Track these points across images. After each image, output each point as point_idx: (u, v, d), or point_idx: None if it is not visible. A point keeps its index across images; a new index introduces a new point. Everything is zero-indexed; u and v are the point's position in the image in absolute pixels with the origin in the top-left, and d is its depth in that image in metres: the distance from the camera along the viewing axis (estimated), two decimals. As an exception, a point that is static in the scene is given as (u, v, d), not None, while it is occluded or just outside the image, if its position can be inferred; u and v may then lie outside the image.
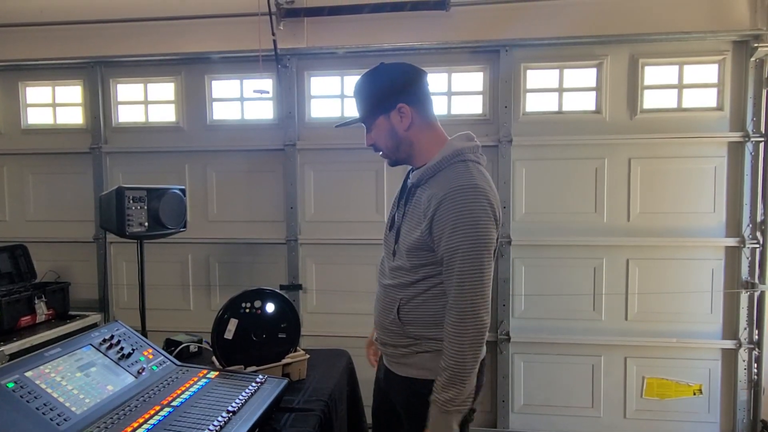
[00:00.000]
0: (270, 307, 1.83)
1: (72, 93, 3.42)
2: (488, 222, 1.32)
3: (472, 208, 1.30)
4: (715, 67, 2.90)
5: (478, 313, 1.31)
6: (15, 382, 1.23)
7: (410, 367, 1.46)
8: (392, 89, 1.42)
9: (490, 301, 1.36)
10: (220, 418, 1.31)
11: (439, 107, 3.11)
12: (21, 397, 1.20)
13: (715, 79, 2.91)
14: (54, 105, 3.45)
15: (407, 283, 1.43)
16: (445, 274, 1.36)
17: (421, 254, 1.39)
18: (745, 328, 2.88)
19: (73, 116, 3.43)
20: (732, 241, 2.88)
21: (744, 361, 2.89)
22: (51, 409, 1.22)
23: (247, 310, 1.79)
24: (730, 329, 2.92)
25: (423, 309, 1.42)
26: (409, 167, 1.55)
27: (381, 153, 1.51)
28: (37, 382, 1.27)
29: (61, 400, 1.26)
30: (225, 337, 1.75)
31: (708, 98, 2.93)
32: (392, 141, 1.45)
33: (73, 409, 1.26)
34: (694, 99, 2.94)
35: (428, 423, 1.36)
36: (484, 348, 1.48)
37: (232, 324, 1.76)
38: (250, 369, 1.73)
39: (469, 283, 1.30)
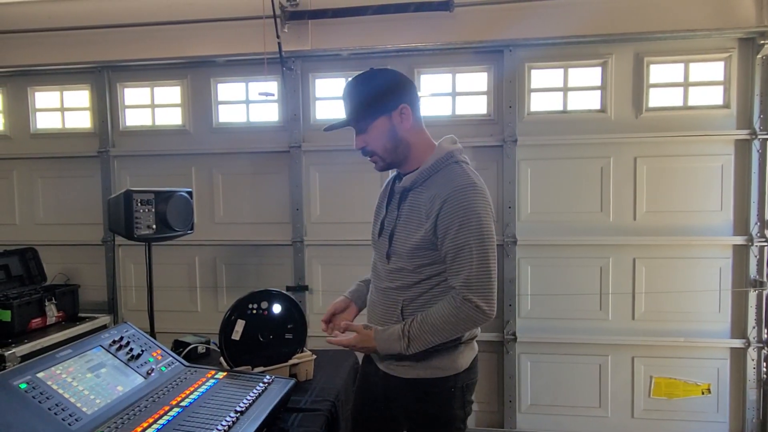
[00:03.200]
0: (277, 308, 1.84)
1: (80, 97, 3.46)
2: (490, 218, 1.40)
3: (476, 206, 1.36)
4: (722, 64, 2.89)
5: (488, 306, 1.36)
6: (27, 383, 1.25)
7: (416, 368, 1.46)
8: (395, 90, 1.45)
9: (496, 294, 1.40)
10: (228, 418, 1.32)
11: (443, 108, 3.15)
12: (33, 397, 1.22)
13: (721, 77, 2.89)
14: (62, 109, 3.49)
15: (410, 284, 1.45)
16: (450, 270, 1.39)
17: (424, 254, 1.42)
18: (754, 327, 2.86)
19: (81, 120, 3.47)
20: (740, 240, 2.86)
21: (753, 360, 2.87)
22: (63, 410, 1.23)
23: (254, 311, 1.80)
24: (738, 328, 2.90)
25: (428, 308, 1.44)
26: (392, 173, 1.58)
27: (373, 156, 1.49)
28: (49, 383, 1.29)
29: (72, 400, 1.27)
30: (232, 338, 1.76)
31: (714, 96, 2.91)
32: (392, 142, 1.45)
33: (84, 409, 1.27)
34: (700, 97, 2.93)
35: (378, 329, 1.44)
36: (476, 345, 1.54)
37: (240, 325, 1.77)
38: (257, 369, 1.74)
39: (477, 276, 1.36)
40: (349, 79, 1.50)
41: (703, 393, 2.94)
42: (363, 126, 1.46)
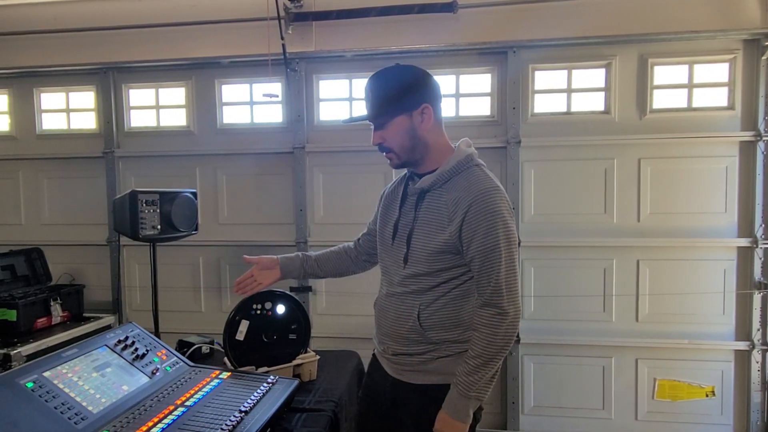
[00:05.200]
0: (280, 309, 1.85)
1: (85, 98, 3.48)
2: (513, 222, 1.40)
3: (501, 210, 1.36)
4: (726, 66, 2.88)
5: (515, 308, 1.37)
6: (34, 382, 1.26)
7: (429, 374, 1.45)
8: (418, 88, 1.42)
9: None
10: (232, 418, 1.33)
11: (446, 109, 3.14)
12: (40, 396, 1.23)
13: (725, 78, 2.88)
14: (68, 110, 3.51)
15: (426, 288, 1.44)
16: (479, 273, 1.38)
17: (445, 258, 1.41)
18: (758, 329, 2.85)
19: (87, 121, 3.48)
20: (744, 242, 2.85)
21: (757, 362, 2.86)
22: (69, 408, 1.24)
23: (258, 312, 1.81)
24: (743, 330, 2.89)
25: (445, 312, 1.44)
26: (405, 174, 1.56)
27: (390, 153, 1.46)
28: (55, 382, 1.30)
29: (78, 399, 1.28)
30: (236, 338, 1.77)
31: (719, 97, 2.91)
32: (410, 141, 1.43)
33: (90, 408, 1.28)
34: (705, 98, 2.92)
35: (445, 405, 1.38)
36: None
37: (244, 325, 1.78)
38: (261, 370, 1.75)
39: (506, 280, 1.36)
40: (373, 73, 1.46)
41: (707, 395, 2.93)
42: (382, 122, 1.43)
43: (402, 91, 1.41)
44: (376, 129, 1.46)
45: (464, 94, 3.13)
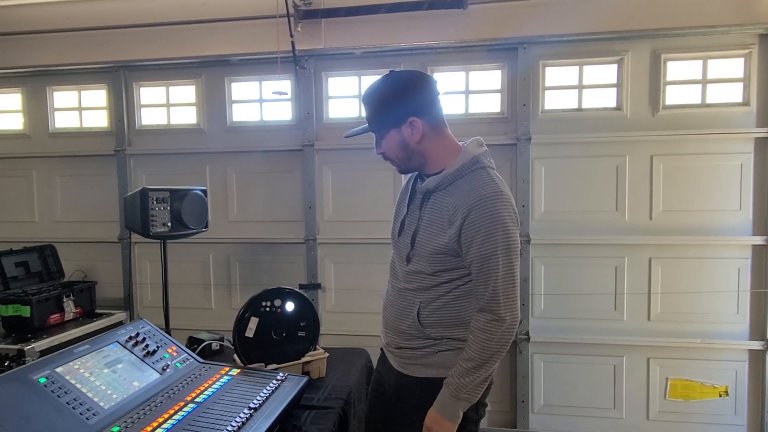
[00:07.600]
0: (290, 306, 1.85)
1: (97, 97, 3.51)
2: (515, 228, 1.38)
3: (502, 216, 1.34)
4: (741, 61, 2.83)
5: (512, 315, 1.36)
6: (46, 378, 1.27)
7: (430, 367, 1.46)
8: (403, 102, 1.40)
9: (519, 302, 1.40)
10: (241, 415, 1.33)
11: (456, 106, 3.13)
12: (52, 392, 1.25)
13: (740, 74, 2.83)
14: (80, 109, 3.54)
15: (427, 287, 1.44)
16: (476, 279, 1.38)
17: (445, 259, 1.41)
18: (774, 329, 2.81)
19: (98, 119, 3.52)
20: (759, 240, 2.80)
21: (772, 362, 2.82)
22: (80, 404, 1.25)
23: (268, 309, 1.82)
24: (757, 330, 2.85)
25: (445, 311, 1.44)
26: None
27: (391, 161, 1.50)
28: (67, 377, 1.31)
29: (89, 395, 1.30)
30: (246, 335, 1.78)
31: (733, 93, 2.85)
32: (404, 153, 1.45)
33: (101, 404, 1.29)
34: (719, 94, 2.87)
35: (435, 403, 1.39)
36: None
37: (253, 322, 1.78)
38: (270, 367, 1.75)
39: (503, 287, 1.35)
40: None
41: (720, 395, 2.89)
42: (378, 136, 1.48)
43: (385, 108, 1.42)
44: (377, 140, 1.49)
45: (474, 91, 3.10)
